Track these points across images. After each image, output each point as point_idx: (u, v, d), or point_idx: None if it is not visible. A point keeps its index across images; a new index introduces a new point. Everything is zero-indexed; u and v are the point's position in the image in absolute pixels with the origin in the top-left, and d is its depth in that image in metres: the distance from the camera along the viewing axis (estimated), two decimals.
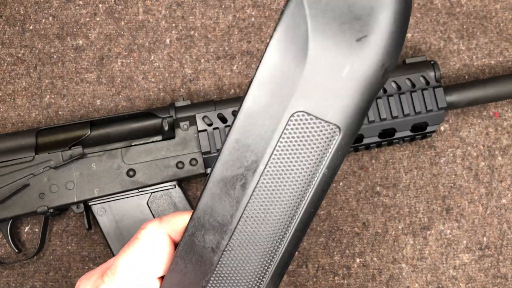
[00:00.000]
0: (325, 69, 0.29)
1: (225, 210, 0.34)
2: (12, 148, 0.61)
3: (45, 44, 0.70)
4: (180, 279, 0.35)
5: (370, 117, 0.62)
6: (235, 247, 0.34)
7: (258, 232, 0.34)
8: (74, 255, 0.67)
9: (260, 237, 0.34)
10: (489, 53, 0.71)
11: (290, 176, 0.32)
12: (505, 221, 0.68)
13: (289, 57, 0.30)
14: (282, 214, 0.33)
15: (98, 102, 0.69)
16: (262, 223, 0.33)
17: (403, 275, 0.67)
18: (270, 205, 0.33)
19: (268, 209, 0.33)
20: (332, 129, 0.31)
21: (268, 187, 0.33)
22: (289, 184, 0.33)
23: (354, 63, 0.29)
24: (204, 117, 0.61)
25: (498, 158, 0.69)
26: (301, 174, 0.32)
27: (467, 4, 0.72)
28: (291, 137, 0.32)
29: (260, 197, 0.33)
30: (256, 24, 0.71)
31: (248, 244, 0.34)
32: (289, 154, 0.32)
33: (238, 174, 0.33)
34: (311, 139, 0.31)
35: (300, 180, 0.32)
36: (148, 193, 0.61)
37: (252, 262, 0.34)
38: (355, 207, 0.68)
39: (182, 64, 0.70)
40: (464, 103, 0.64)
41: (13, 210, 0.61)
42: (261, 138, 0.32)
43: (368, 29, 0.28)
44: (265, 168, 0.32)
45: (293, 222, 0.33)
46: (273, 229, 0.34)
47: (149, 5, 0.71)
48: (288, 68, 0.30)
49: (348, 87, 0.30)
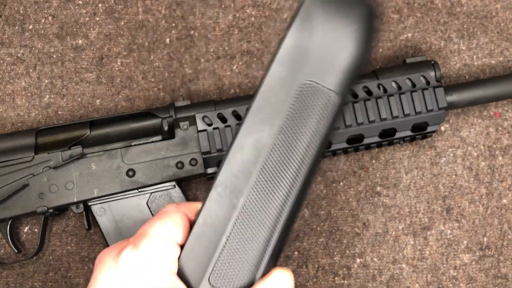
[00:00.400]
0: (327, 49, 0.40)
1: (241, 179, 0.41)
2: (11, 148, 0.61)
3: (45, 44, 0.70)
4: (198, 245, 0.41)
5: (370, 117, 0.62)
6: (249, 209, 0.41)
7: (272, 185, 0.41)
8: (73, 255, 0.67)
9: (273, 190, 0.41)
10: (490, 53, 0.71)
11: (300, 134, 0.41)
12: (506, 221, 0.68)
13: (301, 40, 0.40)
14: (293, 167, 0.41)
15: (98, 102, 0.69)
16: (274, 179, 0.41)
17: (403, 275, 0.67)
18: (283, 161, 0.41)
19: (281, 165, 0.41)
20: (331, 94, 0.40)
21: (282, 145, 0.41)
22: (299, 140, 0.41)
23: (347, 46, 0.40)
24: (204, 117, 0.61)
25: (498, 158, 0.69)
26: (308, 131, 0.41)
27: (468, 3, 0.71)
28: (301, 100, 0.40)
29: (274, 156, 0.41)
30: (256, 24, 0.71)
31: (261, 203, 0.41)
32: (299, 114, 0.40)
33: (258, 137, 0.41)
34: (316, 102, 0.40)
35: (308, 135, 0.41)
36: (148, 193, 0.61)
37: (262, 225, 0.41)
38: (355, 207, 0.68)
39: (182, 64, 0.70)
40: (464, 103, 0.64)
41: (13, 210, 0.60)
42: (278, 103, 0.40)
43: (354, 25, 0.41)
44: (281, 128, 0.40)
45: (301, 174, 0.41)
46: (284, 182, 0.41)
47: (148, 5, 0.71)
48: (300, 48, 0.40)
49: (342, 61, 0.40)
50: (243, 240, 0.41)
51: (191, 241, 0.41)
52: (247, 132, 0.41)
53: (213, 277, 0.40)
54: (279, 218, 0.41)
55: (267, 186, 0.41)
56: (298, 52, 0.40)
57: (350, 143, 0.63)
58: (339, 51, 0.40)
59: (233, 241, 0.41)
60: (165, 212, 0.42)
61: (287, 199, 0.41)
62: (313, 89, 0.40)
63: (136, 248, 0.40)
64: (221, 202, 0.41)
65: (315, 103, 0.41)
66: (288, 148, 0.41)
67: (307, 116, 0.41)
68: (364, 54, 0.41)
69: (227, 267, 0.41)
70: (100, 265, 0.40)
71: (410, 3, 0.71)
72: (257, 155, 0.41)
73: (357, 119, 0.62)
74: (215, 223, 0.40)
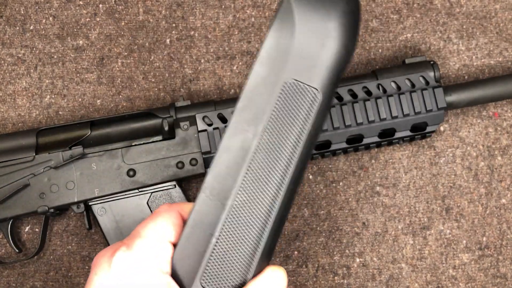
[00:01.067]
0: (308, 47, 0.40)
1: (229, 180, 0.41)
2: (12, 148, 0.62)
3: (46, 44, 0.70)
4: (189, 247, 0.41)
5: (370, 117, 0.62)
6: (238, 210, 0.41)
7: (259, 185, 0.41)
8: (74, 255, 0.67)
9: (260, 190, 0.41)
10: (489, 53, 0.71)
11: (285, 133, 0.41)
12: (505, 221, 0.68)
13: (282, 40, 0.40)
14: (280, 166, 0.41)
15: (99, 102, 0.70)
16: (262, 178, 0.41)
17: (402, 275, 0.67)
18: (269, 161, 0.41)
19: (268, 164, 0.41)
20: (314, 92, 0.40)
21: (267, 145, 0.41)
22: (284, 139, 0.41)
23: (328, 43, 0.40)
24: (204, 117, 0.61)
25: (497, 158, 0.69)
26: (293, 130, 0.41)
27: (467, 4, 0.72)
28: (284, 99, 0.41)
29: (260, 156, 0.41)
30: (256, 24, 0.71)
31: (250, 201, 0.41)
32: (283, 113, 0.41)
33: (243, 137, 0.41)
34: (299, 101, 0.41)
35: (293, 134, 0.41)
36: (148, 193, 0.61)
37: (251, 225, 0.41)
38: (355, 207, 0.68)
39: (182, 64, 0.70)
40: (463, 103, 0.64)
41: (14, 210, 0.61)
42: (261, 103, 0.41)
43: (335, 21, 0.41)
44: (265, 127, 0.41)
45: (288, 173, 0.41)
46: (272, 182, 0.41)
47: (149, 6, 0.71)
48: (281, 48, 0.40)
49: (324, 59, 0.40)
50: (232, 241, 0.41)
51: (182, 242, 0.41)
52: (233, 133, 0.41)
53: (204, 278, 0.41)
54: (268, 217, 0.41)
55: (255, 186, 0.41)
56: (280, 51, 0.40)
57: (349, 143, 0.64)
58: (321, 49, 0.40)
59: (223, 242, 0.41)
60: (157, 212, 0.42)
61: (276, 199, 0.41)
62: (296, 88, 0.41)
63: (129, 248, 0.40)
64: (209, 203, 0.41)
65: (299, 102, 0.41)
66: (274, 147, 0.41)
67: (292, 115, 0.41)
68: (346, 51, 0.41)
69: (218, 268, 0.41)
70: (95, 267, 0.40)
71: (410, 4, 0.72)
72: (243, 155, 0.41)
73: (357, 119, 0.62)
74: (204, 224, 0.41)
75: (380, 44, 0.71)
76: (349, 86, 0.62)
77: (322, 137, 0.62)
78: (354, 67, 0.71)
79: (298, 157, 0.41)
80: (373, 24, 0.71)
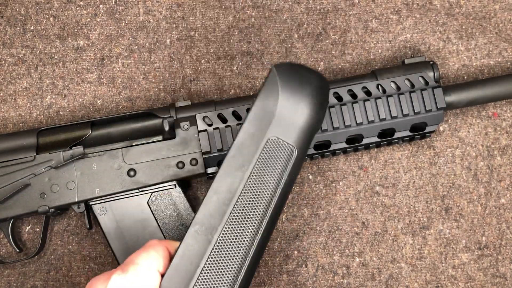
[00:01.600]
0: (288, 112, 0.49)
1: (216, 218, 0.48)
2: (13, 148, 0.62)
3: (46, 44, 0.71)
4: (176, 275, 0.47)
5: (369, 117, 0.62)
6: (222, 244, 0.48)
7: (242, 223, 0.48)
8: (75, 254, 0.67)
9: (244, 227, 0.48)
10: (488, 54, 0.71)
11: (266, 180, 0.49)
12: (504, 221, 0.68)
13: (268, 104, 0.49)
14: (261, 207, 0.48)
15: (99, 102, 0.70)
16: (245, 217, 0.48)
17: (402, 274, 0.67)
18: (252, 202, 0.48)
19: (251, 205, 0.48)
20: (291, 148, 0.49)
21: (251, 189, 0.48)
22: (265, 184, 0.49)
23: (303, 110, 0.49)
24: (205, 117, 0.62)
25: (497, 158, 0.69)
26: (273, 177, 0.49)
27: (466, 4, 0.72)
28: (267, 152, 0.49)
29: (245, 198, 0.48)
30: (256, 24, 0.71)
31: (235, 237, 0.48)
32: (265, 163, 0.49)
33: (231, 181, 0.48)
34: (279, 154, 0.49)
35: (273, 181, 0.49)
36: (149, 193, 0.62)
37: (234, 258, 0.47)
38: (354, 206, 0.68)
39: (183, 65, 0.70)
40: (463, 103, 0.65)
41: (14, 210, 0.61)
42: (248, 154, 0.49)
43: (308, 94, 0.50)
44: (250, 174, 0.48)
45: (268, 213, 0.49)
46: (253, 220, 0.48)
47: (149, 6, 0.71)
48: (267, 111, 0.49)
49: (300, 122, 0.49)
50: (216, 271, 0.47)
51: (170, 271, 0.46)
52: (222, 177, 0.48)
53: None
54: (249, 250, 0.48)
55: (239, 223, 0.48)
56: (266, 113, 0.49)
57: (349, 143, 0.64)
58: (297, 114, 0.49)
59: (207, 272, 0.47)
60: (149, 245, 0.48)
61: (256, 234, 0.48)
62: (277, 144, 0.49)
63: (124, 273, 0.45)
64: (197, 238, 0.47)
65: (279, 155, 0.49)
66: (256, 191, 0.48)
67: (272, 165, 0.49)
68: (316, 117, 0.50)
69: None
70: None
71: (409, 4, 0.72)
72: (230, 197, 0.48)
73: (357, 119, 0.62)
74: (192, 256, 0.47)
75: (379, 45, 0.71)
76: (349, 86, 0.62)
77: (322, 137, 0.62)
78: (354, 67, 0.71)
79: (277, 199, 0.49)
80: (373, 25, 0.71)
